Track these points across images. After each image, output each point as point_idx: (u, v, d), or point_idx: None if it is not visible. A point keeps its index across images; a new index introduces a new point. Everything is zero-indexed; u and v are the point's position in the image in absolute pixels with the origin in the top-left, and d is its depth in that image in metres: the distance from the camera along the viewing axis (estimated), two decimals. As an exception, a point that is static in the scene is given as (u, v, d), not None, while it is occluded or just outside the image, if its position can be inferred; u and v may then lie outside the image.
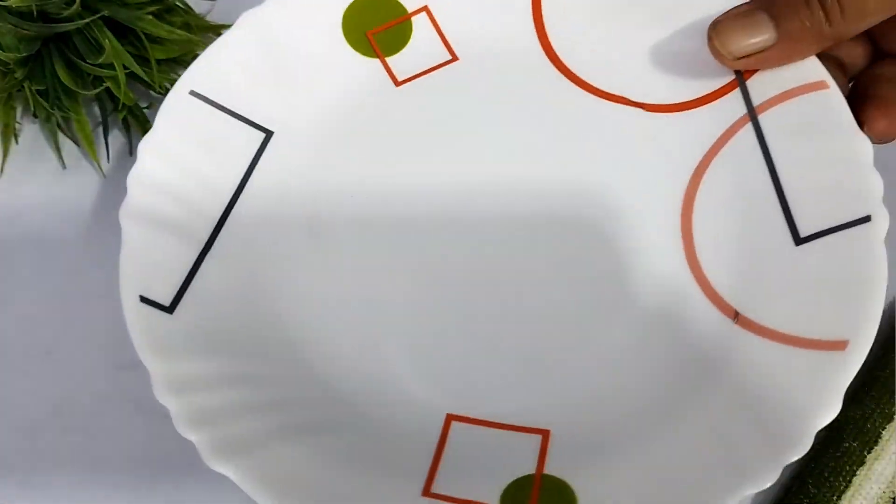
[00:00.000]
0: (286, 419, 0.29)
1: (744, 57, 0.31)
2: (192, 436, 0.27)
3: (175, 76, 0.37)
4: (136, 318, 0.29)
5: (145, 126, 0.38)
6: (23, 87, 0.35)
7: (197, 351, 0.29)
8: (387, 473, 0.28)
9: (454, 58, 0.36)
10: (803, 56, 0.31)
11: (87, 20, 0.33)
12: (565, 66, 0.36)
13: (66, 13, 0.33)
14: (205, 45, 0.35)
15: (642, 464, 0.28)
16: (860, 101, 0.31)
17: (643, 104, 0.35)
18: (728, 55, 0.31)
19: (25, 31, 0.33)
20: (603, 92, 0.35)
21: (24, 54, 0.34)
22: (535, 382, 0.31)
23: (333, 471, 0.28)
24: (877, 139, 0.30)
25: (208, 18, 0.38)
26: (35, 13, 0.33)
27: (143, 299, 0.29)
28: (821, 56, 0.31)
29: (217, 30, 0.38)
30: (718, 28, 0.31)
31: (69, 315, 0.35)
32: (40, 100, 0.35)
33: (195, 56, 0.34)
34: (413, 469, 0.28)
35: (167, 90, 0.33)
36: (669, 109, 0.34)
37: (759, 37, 0.30)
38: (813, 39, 0.30)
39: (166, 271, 0.30)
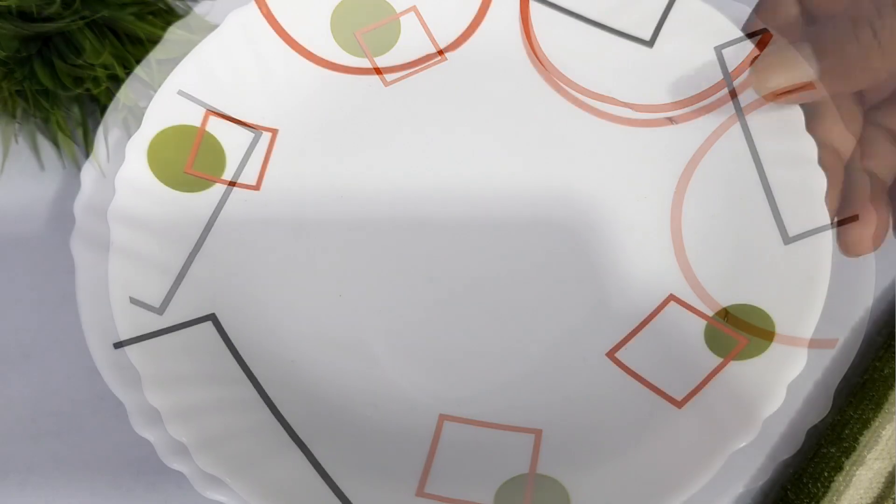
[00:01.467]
0: (277, 420, 0.29)
1: (783, 93, 0.30)
2: (182, 437, 0.27)
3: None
4: (126, 320, 0.29)
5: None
6: (22, 87, 0.35)
7: (187, 353, 0.29)
8: (380, 474, 0.28)
9: (443, 58, 0.36)
10: (848, 89, 0.30)
11: (86, 20, 0.33)
12: (553, 68, 0.36)
13: (65, 14, 0.33)
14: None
15: (634, 462, 0.28)
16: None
17: (631, 105, 0.35)
18: (764, 90, 0.30)
19: (25, 32, 0.33)
20: (591, 92, 0.35)
21: (25, 54, 0.34)
22: (527, 382, 0.31)
23: (326, 472, 0.28)
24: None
25: (208, 18, 0.38)
26: (35, 13, 0.33)
27: (133, 301, 0.29)
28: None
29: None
30: (757, 65, 0.30)
31: (67, 313, 0.35)
32: (40, 99, 0.35)
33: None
34: (406, 469, 0.28)
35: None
36: (658, 110, 0.34)
37: (799, 72, 0.29)
38: (860, 73, 0.28)
39: (155, 273, 0.30)
